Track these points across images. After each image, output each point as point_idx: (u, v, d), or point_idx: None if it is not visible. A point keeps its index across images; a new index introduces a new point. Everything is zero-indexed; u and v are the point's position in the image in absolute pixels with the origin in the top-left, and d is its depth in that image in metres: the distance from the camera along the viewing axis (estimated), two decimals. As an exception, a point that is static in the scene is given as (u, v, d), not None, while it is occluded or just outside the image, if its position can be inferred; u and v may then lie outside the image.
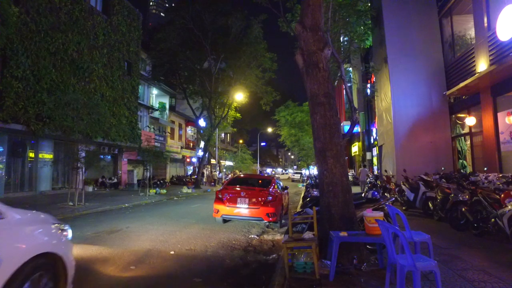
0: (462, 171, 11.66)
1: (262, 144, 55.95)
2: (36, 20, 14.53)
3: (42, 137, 15.54)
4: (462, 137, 12.52)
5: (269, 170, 68.18)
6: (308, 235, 4.30)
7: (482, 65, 9.91)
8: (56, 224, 3.20)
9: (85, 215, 10.34)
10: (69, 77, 16.27)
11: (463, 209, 6.70)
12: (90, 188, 18.84)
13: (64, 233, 3.22)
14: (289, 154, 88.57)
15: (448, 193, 7.70)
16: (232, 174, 35.32)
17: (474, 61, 10.59)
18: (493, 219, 5.72)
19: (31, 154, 16.31)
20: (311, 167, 43.16)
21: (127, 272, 4.59)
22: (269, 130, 46.94)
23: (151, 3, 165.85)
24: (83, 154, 13.04)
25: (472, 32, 11.20)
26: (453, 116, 12.90)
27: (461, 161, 12.56)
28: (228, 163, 44.14)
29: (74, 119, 12.96)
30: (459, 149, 12.66)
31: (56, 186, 17.79)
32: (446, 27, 13.21)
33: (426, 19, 13.51)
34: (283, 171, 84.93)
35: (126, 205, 13.01)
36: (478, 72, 9.72)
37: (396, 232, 3.39)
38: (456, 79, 11.93)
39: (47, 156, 16.93)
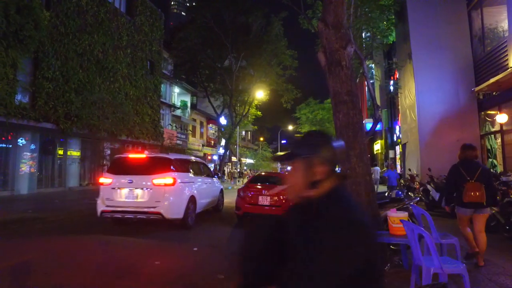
0: (492, 170, 11.19)
1: (283, 141, 55.80)
2: (65, 23, 15.12)
3: (70, 135, 16.18)
4: (492, 135, 12.00)
5: (289, 168, 67.79)
6: (330, 234, 4.28)
7: (515, 59, 9.46)
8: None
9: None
10: (95, 77, 16.84)
11: (494, 210, 6.45)
12: (115, 185, 19.42)
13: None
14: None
15: (477, 193, 7.42)
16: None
17: (506, 55, 10.10)
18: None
19: (60, 152, 17.02)
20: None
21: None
22: (290, 127, 46.71)
23: (172, 3, 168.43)
24: (108, 152, 13.48)
25: (504, 25, 10.68)
26: (482, 113, 12.39)
27: (490, 160, 12.05)
28: (249, 160, 44.32)
29: (100, 117, 13.42)
30: (489, 147, 12.15)
31: (83, 182, 18.48)
32: (475, 20, 12.67)
33: (453, 12, 13.00)
34: None
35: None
36: (511, 67, 9.28)
37: (421, 233, 3.32)
38: (486, 74, 11.44)
39: (75, 153, 17.62)
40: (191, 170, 8.34)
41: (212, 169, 12.01)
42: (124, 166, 7.42)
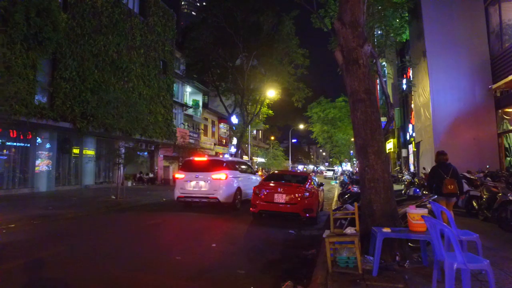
0: (511, 169, 11.01)
1: (294, 141, 55.61)
2: (81, 25, 15.43)
3: (86, 134, 16.51)
4: (510, 133, 11.79)
5: (300, 167, 67.64)
6: (350, 230, 4.32)
7: (533, 56, 9.29)
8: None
9: (127, 208, 10.93)
10: (110, 77, 17.14)
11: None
12: (129, 183, 19.78)
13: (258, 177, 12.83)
14: (321, 151, 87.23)
15: (495, 192, 7.34)
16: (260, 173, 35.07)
17: (525, 51, 9.93)
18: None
19: (76, 151, 17.40)
20: (344, 164, 42.36)
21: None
22: (301, 126, 46.43)
23: (182, 3, 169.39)
24: (123, 151, 13.71)
25: (523, 21, 10.50)
26: (500, 111, 12.18)
27: (508, 159, 11.86)
28: (260, 159, 44.38)
29: (115, 116, 13.64)
30: (507, 146, 11.95)
31: (98, 180, 18.85)
32: (493, 16, 12.46)
33: (469, 9, 12.81)
34: (315, 168, 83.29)
35: (164, 199, 13.55)
36: (529, 64, 9.12)
37: (443, 228, 3.33)
38: (503, 71, 11.24)
39: (90, 152, 17.98)
40: (238, 168, 11.19)
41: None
42: (192, 165, 10.52)
